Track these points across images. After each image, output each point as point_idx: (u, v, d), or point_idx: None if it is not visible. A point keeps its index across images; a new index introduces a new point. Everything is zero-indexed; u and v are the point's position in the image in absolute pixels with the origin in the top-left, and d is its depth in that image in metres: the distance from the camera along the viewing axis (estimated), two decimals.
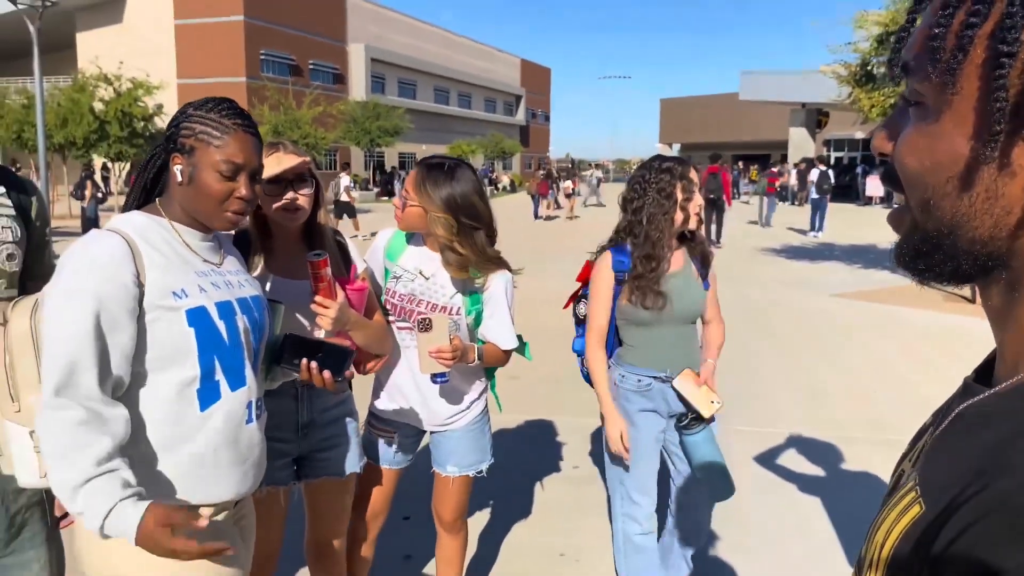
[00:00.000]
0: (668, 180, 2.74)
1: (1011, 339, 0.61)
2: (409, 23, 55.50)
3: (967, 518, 0.51)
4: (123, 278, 1.57)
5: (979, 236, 0.58)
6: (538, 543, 3.72)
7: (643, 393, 2.84)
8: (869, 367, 6.83)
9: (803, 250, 16.11)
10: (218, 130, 1.68)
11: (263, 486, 2.21)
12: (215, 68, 39.62)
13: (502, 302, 2.59)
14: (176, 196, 1.74)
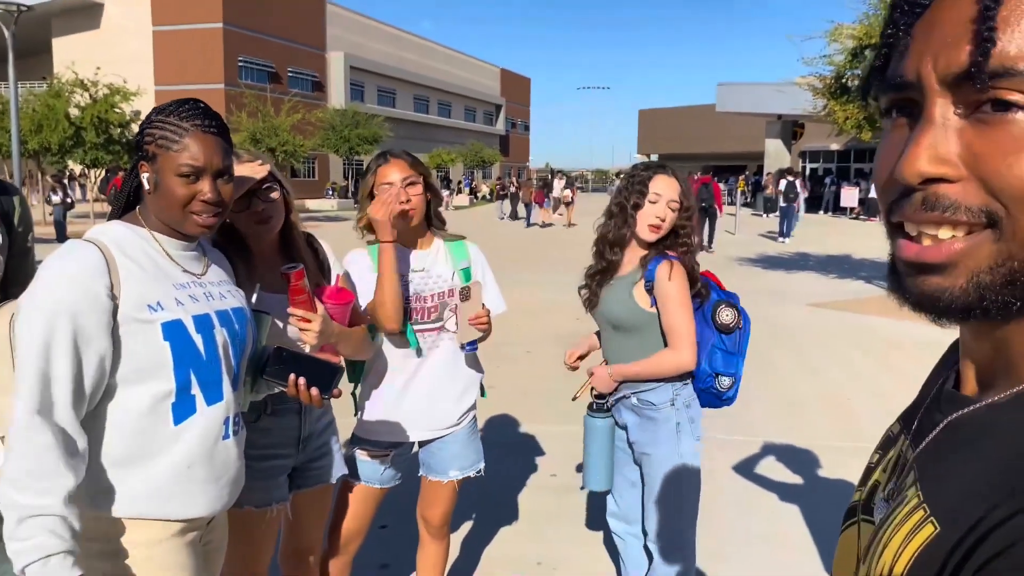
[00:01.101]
0: (625, 186, 2.74)
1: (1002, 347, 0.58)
2: (388, 31, 55.50)
3: (998, 545, 0.48)
4: (96, 291, 1.55)
5: None
6: (516, 552, 3.71)
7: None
8: (845, 376, 6.90)
9: (778, 260, 16.25)
10: (176, 133, 1.65)
11: (273, 504, 2.21)
12: (193, 75, 39.37)
13: (488, 269, 2.77)
14: (149, 205, 1.72)
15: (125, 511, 1.63)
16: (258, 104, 29.70)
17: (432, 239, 2.67)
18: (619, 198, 2.73)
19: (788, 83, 17.94)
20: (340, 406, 2.96)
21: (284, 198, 2.29)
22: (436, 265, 2.63)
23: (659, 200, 2.63)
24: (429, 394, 2.61)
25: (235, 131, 29.56)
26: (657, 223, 2.62)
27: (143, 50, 40.19)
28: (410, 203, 2.51)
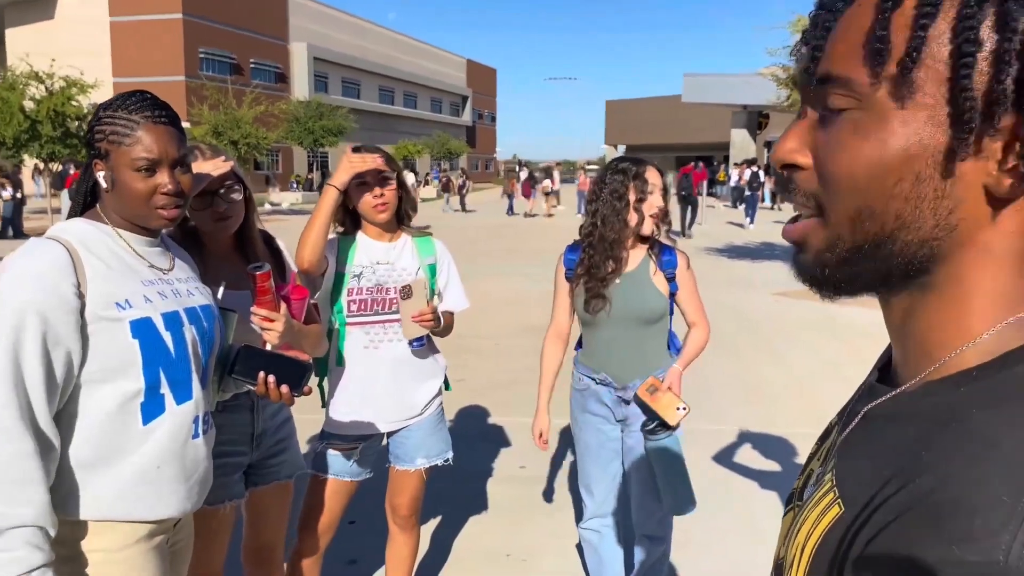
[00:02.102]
0: (621, 181, 2.72)
1: (920, 338, 0.62)
2: (352, 22, 54.99)
3: (886, 517, 0.52)
4: (63, 290, 1.51)
5: (918, 238, 0.58)
6: (485, 544, 3.70)
7: (581, 392, 2.87)
8: (811, 364, 6.98)
9: (745, 249, 16.42)
10: (127, 127, 1.62)
11: (225, 502, 2.19)
12: (152, 67, 38.66)
13: (452, 266, 2.80)
14: (108, 203, 1.69)
15: (92, 514, 1.59)
16: (220, 96, 29.24)
17: (400, 234, 2.70)
18: (615, 195, 2.72)
19: (753, 74, 18.11)
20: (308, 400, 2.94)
21: (245, 197, 2.27)
22: (401, 259, 2.66)
23: (655, 191, 2.73)
24: (393, 384, 2.62)
25: (197, 124, 29.15)
26: (658, 213, 2.74)
27: (100, 41, 39.34)
28: (383, 197, 2.54)
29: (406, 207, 2.69)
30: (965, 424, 0.53)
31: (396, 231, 2.70)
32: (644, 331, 2.80)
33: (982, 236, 0.57)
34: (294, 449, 2.51)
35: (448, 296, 2.75)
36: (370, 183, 2.53)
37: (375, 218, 2.58)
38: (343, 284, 2.59)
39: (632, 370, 2.78)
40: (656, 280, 2.77)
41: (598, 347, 2.82)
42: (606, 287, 2.72)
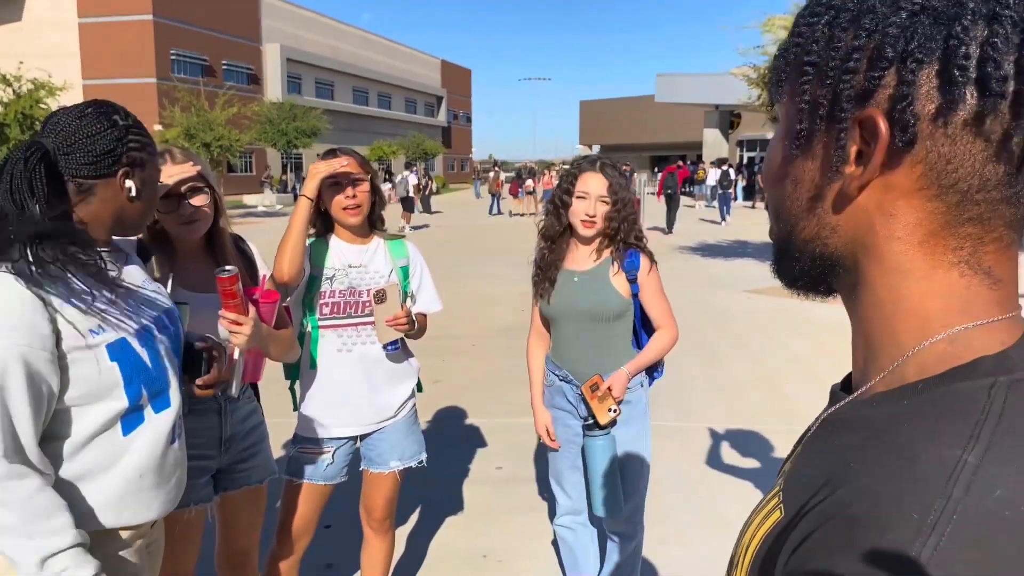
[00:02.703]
0: (564, 180, 2.81)
1: (858, 342, 0.65)
2: (325, 23, 54.68)
3: (811, 525, 0.54)
4: (41, 329, 1.49)
5: (808, 235, 0.64)
6: (461, 545, 3.72)
7: (550, 388, 2.90)
8: (782, 361, 7.06)
9: (718, 248, 16.55)
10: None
11: (190, 506, 2.18)
12: (123, 69, 38.24)
13: (425, 268, 2.82)
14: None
15: (81, 526, 1.59)
16: (192, 98, 28.96)
17: (372, 238, 2.70)
18: (554, 195, 2.83)
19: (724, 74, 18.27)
20: (280, 405, 2.94)
21: (214, 201, 2.27)
22: (374, 262, 2.66)
23: (588, 196, 2.72)
24: (365, 386, 2.63)
25: (168, 126, 28.84)
26: (587, 219, 2.72)
27: (69, 43, 38.85)
28: (356, 199, 2.55)
29: (379, 211, 2.69)
30: (893, 437, 0.55)
31: (368, 234, 2.70)
32: (604, 330, 2.81)
33: (876, 246, 0.60)
34: (265, 454, 2.51)
35: (421, 298, 2.76)
36: (342, 184, 2.53)
37: (346, 220, 2.58)
38: (315, 287, 2.58)
39: (592, 368, 2.78)
40: (616, 280, 2.77)
41: (560, 344, 2.86)
42: (551, 281, 2.81)
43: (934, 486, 0.50)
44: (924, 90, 0.55)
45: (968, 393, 0.55)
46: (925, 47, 0.54)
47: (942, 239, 0.58)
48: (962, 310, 0.58)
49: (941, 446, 0.52)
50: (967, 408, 0.54)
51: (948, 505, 0.48)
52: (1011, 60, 0.53)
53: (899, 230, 0.59)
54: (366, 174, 2.58)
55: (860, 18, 0.57)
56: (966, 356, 0.57)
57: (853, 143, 0.59)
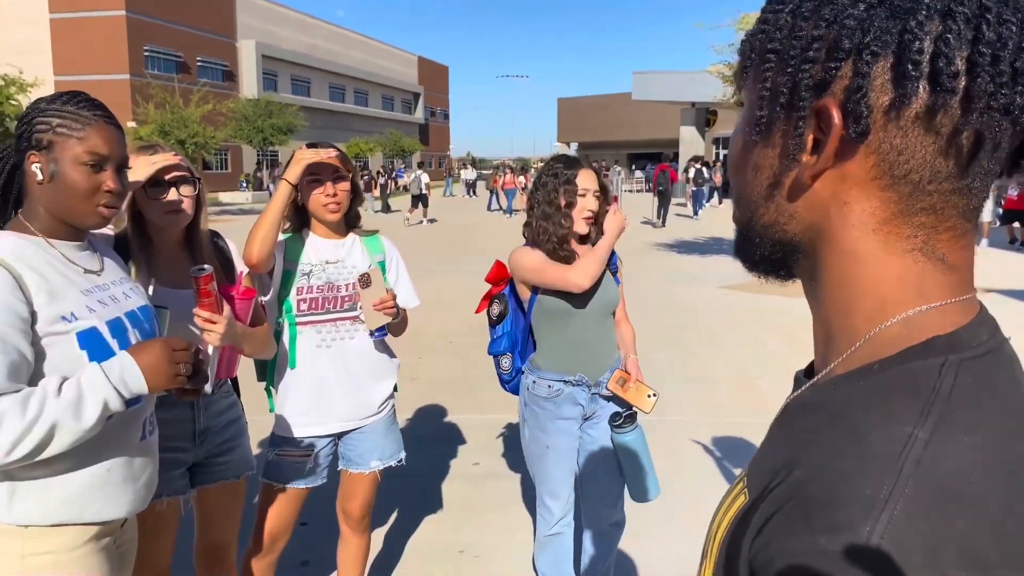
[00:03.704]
0: (552, 185, 2.74)
1: (817, 329, 0.67)
2: (301, 19, 54.31)
3: (772, 507, 0.55)
4: (19, 309, 1.52)
5: (767, 221, 0.66)
6: (438, 541, 3.75)
7: (553, 399, 2.78)
8: (754, 355, 7.15)
9: (693, 244, 16.67)
10: (78, 122, 1.63)
11: (163, 497, 2.19)
12: (95, 65, 37.77)
13: (401, 264, 2.81)
14: (38, 199, 1.66)
15: (44, 518, 1.61)
16: (166, 95, 28.69)
17: (348, 233, 2.70)
18: (549, 196, 2.74)
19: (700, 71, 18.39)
20: (260, 402, 2.95)
21: (198, 194, 2.30)
22: (351, 256, 2.65)
23: (587, 193, 2.75)
24: (346, 382, 2.61)
25: (142, 123, 28.53)
26: (590, 215, 2.76)
27: (40, 39, 38.31)
28: (336, 197, 2.53)
29: (356, 209, 2.69)
30: (847, 417, 0.56)
31: (345, 231, 2.69)
32: (607, 324, 2.86)
33: (832, 232, 0.62)
34: (243, 449, 2.51)
35: (398, 293, 2.72)
36: (323, 179, 2.52)
37: (325, 217, 2.57)
38: (292, 283, 2.56)
39: (603, 364, 2.81)
40: (608, 274, 2.84)
41: (568, 347, 2.78)
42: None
43: (885, 462, 0.51)
44: (878, 83, 0.56)
45: (919, 372, 0.56)
46: (880, 40, 0.55)
47: (896, 227, 0.59)
48: (916, 294, 0.60)
49: (892, 423, 0.53)
50: (918, 386, 0.55)
51: (899, 481, 0.50)
52: (963, 56, 0.54)
53: (853, 218, 0.60)
54: (347, 171, 2.57)
55: (821, 8, 0.59)
56: (919, 337, 0.58)
57: (809, 132, 0.60)
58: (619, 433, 2.75)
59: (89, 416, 1.53)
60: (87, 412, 1.53)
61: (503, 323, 2.94)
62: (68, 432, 1.51)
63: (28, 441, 1.47)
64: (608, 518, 2.91)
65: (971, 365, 0.56)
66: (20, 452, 1.47)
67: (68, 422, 1.50)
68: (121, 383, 1.57)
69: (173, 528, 2.35)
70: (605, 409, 2.85)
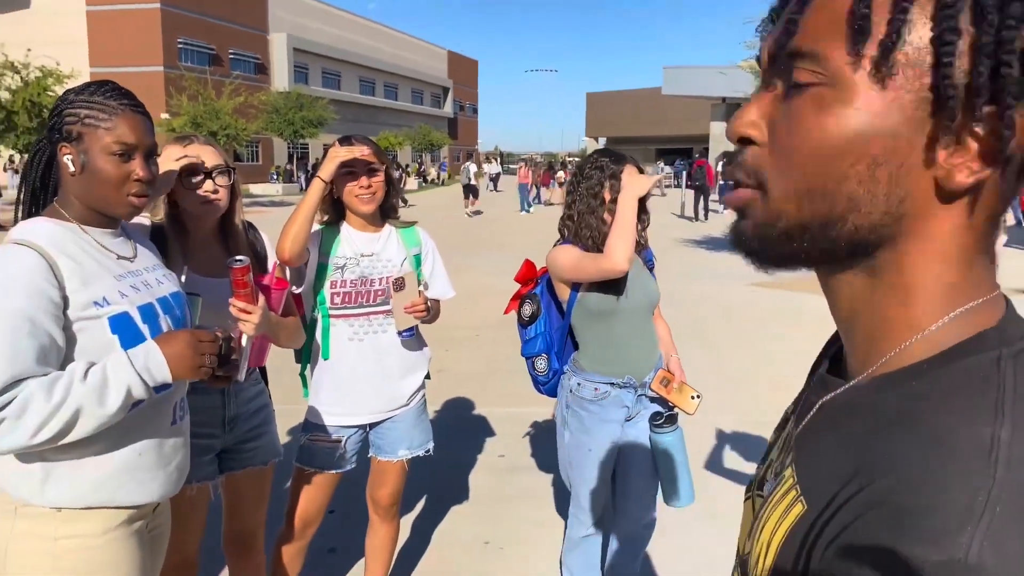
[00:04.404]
0: (598, 178, 2.66)
1: (867, 329, 0.63)
2: (333, 12, 54.59)
3: (849, 516, 0.53)
4: (51, 294, 1.54)
5: (868, 223, 0.58)
6: (463, 532, 3.76)
7: (599, 402, 2.71)
8: (783, 353, 7.08)
9: (722, 241, 16.45)
10: (105, 111, 1.64)
11: (192, 482, 2.21)
12: (130, 57, 38.24)
13: (437, 255, 2.80)
14: (71, 190, 1.68)
15: (75, 501, 1.63)
16: (199, 87, 29.02)
17: (384, 226, 2.69)
18: (594, 189, 2.66)
19: (732, 66, 18.23)
20: (289, 390, 2.98)
21: (232, 184, 2.33)
22: (386, 250, 2.65)
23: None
24: (377, 375, 2.62)
25: (175, 115, 28.87)
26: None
27: (77, 31, 38.87)
28: (370, 188, 2.54)
29: (393, 200, 2.68)
30: (918, 422, 0.54)
31: (380, 223, 2.68)
32: (649, 323, 2.81)
33: (928, 227, 0.58)
34: (271, 435, 2.54)
35: (434, 285, 2.74)
36: (357, 172, 2.52)
37: (359, 208, 2.57)
38: (326, 276, 2.58)
39: (648, 364, 2.77)
40: (646, 270, 2.82)
41: (613, 348, 2.71)
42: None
43: (978, 468, 0.49)
44: None
45: (977, 368, 0.55)
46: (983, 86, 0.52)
47: (974, 229, 0.58)
48: (975, 288, 0.59)
49: (971, 425, 0.51)
50: (982, 384, 0.54)
51: (995, 486, 0.48)
52: None
53: (948, 221, 0.58)
54: (381, 164, 2.57)
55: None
56: (969, 332, 0.57)
57: (974, 137, 0.54)
58: (659, 433, 2.68)
59: (112, 402, 1.55)
60: (111, 398, 1.55)
61: (536, 324, 2.88)
62: (92, 417, 1.54)
63: (52, 425, 1.49)
64: (641, 519, 2.86)
65: (1021, 357, 0.55)
66: (44, 435, 1.49)
67: (92, 407, 1.53)
68: (145, 371, 1.59)
69: (202, 513, 2.38)
70: (647, 409, 2.79)
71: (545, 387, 2.92)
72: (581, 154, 65.23)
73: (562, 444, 2.83)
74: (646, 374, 2.76)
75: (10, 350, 1.48)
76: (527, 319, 2.89)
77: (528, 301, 2.91)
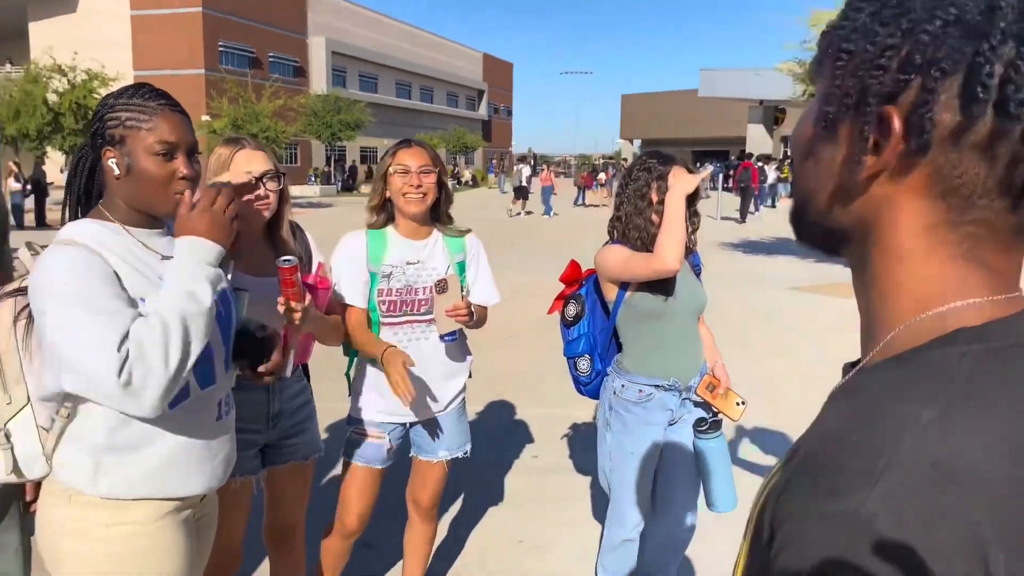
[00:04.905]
0: (645, 179, 2.67)
1: (863, 319, 0.70)
2: (370, 16, 55.07)
3: (787, 476, 0.59)
4: (109, 273, 1.60)
5: (821, 209, 0.68)
6: (498, 531, 3.79)
7: (643, 404, 2.70)
8: (822, 358, 7.00)
9: (759, 244, 16.39)
10: (145, 112, 1.67)
11: (236, 476, 2.24)
12: (172, 60, 38.98)
13: (483, 260, 2.79)
14: (117, 192, 1.72)
15: (126, 492, 1.68)
16: (239, 90, 29.45)
17: (431, 231, 2.67)
18: (641, 190, 2.66)
19: (769, 69, 18.07)
20: (332, 388, 3.02)
21: (282, 189, 2.39)
22: (432, 258, 2.64)
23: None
24: (420, 380, 2.60)
25: (216, 117, 29.31)
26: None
27: (121, 35, 39.70)
28: (421, 188, 2.53)
29: (444, 207, 2.66)
30: (859, 398, 0.60)
31: (429, 229, 2.66)
32: (695, 327, 2.80)
33: (883, 231, 0.64)
34: (312, 432, 2.59)
35: (478, 290, 2.74)
36: (411, 170, 2.52)
37: (408, 209, 2.54)
38: (374, 284, 2.58)
39: (694, 368, 2.76)
40: (692, 273, 2.81)
41: (659, 350, 2.71)
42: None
43: (887, 436, 0.54)
44: (944, 99, 0.57)
45: (939, 359, 0.58)
46: (952, 59, 0.56)
47: (941, 233, 0.61)
48: (955, 292, 0.61)
49: (903, 403, 0.56)
50: (935, 372, 0.57)
51: (898, 453, 0.52)
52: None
53: (902, 220, 0.62)
54: (434, 167, 2.56)
55: (899, 18, 0.59)
56: (949, 329, 0.60)
57: (872, 136, 0.61)
58: (703, 439, 2.65)
59: (204, 295, 1.59)
60: (200, 293, 1.59)
61: (579, 324, 2.88)
62: (198, 318, 1.57)
63: (173, 346, 1.52)
64: (682, 524, 2.85)
65: (998, 355, 0.57)
66: (175, 358, 1.52)
67: (193, 310, 1.56)
68: (197, 258, 1.62)
69: (246, 507, 2.43)
70: (691, 413, 2.77)
71: (587, 388, 2.92)
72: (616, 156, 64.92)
73: (603, 446, 2.82)
74: (691, 377, 2.75)
75: (105, 313, 1.51)
76: (571, 319, 2.90)
77: (573, 301, 2.91)
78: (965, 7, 0.56)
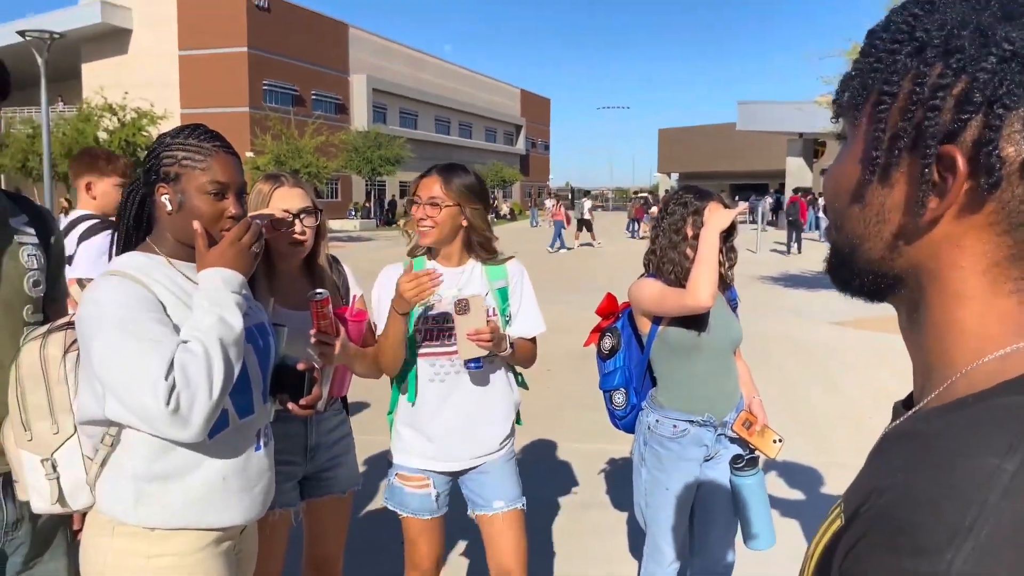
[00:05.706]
0: (680, 214, 2.67)
1: (917, 361, 0.68)
2: (410, 54, 56.07)
3: (860, 530, 0.56)
4: (155, 302, 1.65)
5: (873, 256, 0.67)
6: (535, 567, 3.74)
7: (677, 440, 2.66)
8: (866, 394, 6.87)
9: (800, 278, 16.18)
10: (200, 153, 1.73)
11: (274, 508, 2.25)
12: (219, 98, 39.98)
13: (527, 289, 2.62)
14: (167, 227, 1.77)
15: (165, 522, 1.71)
16: (282, 127, 30.10)
17: (467, 259, 2.55)
18: (676, 225, 2.67)
19: (808, 102, 17.99)
20: (370, 422, 3.02)
21: (319, 224, 2.42)
22: (469, 286, 2.50)
23: None
24: (455, 420, 2.49)
25: (260, 153, 29.93)
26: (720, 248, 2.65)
27: (169, 74, 40.89)
28: (426, 220, 2.42)
29: (474, 239, 2.51)
30: (932, 448, 0.57)
31: (465, 258, 2.55)
32: (731, 362, 2.77)
33: (943, 272, 0.62)
34: (350, 465, 2.59)
35: (520, 320, 2.58)
36: (420, 203, 2.43)
37: (419, 238, 2.47)
38: (412, 315, 2.43)
39: (730, 403, 2.73)
40: (728, 308, 2.79)
41: (694, 385, 2.68)
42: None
43: (970, 492, 0.51)
44: (1007, 134, 0.56)
45: (1010, 406, 0.56)
46: (1013, 94, 0.56)
47: (1005, 270, 0.60)
48: (1017, 333, 0.60)
49: (979, 455, 0.53)
50: (1008, 420, 0.55)
51: (984, 510, 0.50)
52: None
53: (964, 259, 0.61)
54: (448, 198, 2.41)
55: (947, 56, 0.59)
56: (1015, 373, 0.58)
57: (935, 179, 0.60)
58: (739, 476, 2.59)
59: (235, 321, 1.64)
60: (231, 320, 1.64)
61: (615, 357, 2.86)
62: (234, 343, 1.63)
63: (216, 370, 1.57)
64: (721, 560, 2.81)
65: None
66: (218, 382, 1.57)
67: (228, 336, 1.62)
68: (222, 288, 1.67)
69: (284, 539, 2.44)
70: (728, 450, 2.73)
71: (622, 422, 2.89)
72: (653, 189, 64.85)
73: (638, 482, 2.79)
74: (727, 413, 2.72)
75: (151, 341, 1.56)
76: (607, 352, 2.88)
77: (608, 334, 2.90)
78: (1018, 42, 0.56)
